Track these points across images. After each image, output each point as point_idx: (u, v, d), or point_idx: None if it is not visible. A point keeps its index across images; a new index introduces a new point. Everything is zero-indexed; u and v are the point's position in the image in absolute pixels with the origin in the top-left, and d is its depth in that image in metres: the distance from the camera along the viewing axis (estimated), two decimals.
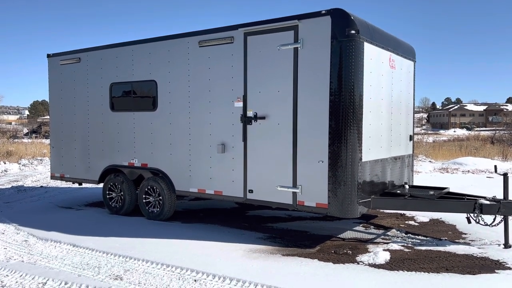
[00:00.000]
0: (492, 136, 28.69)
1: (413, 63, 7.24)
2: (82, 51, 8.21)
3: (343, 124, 5.35)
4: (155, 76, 7.14)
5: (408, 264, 4.95)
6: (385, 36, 6.20)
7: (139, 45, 7.35)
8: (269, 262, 5.02)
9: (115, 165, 7.74)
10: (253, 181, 6.09)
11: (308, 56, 5.57)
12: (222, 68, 6.35)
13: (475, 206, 5.55)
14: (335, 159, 5.39)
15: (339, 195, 5.38)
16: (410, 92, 7.17)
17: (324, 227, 6.74)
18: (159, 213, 7.16)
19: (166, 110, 7.04)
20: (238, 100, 6.18)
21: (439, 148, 21.54)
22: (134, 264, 5.08)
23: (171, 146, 7.00)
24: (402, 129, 6.88)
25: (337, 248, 5.60)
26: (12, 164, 16.20)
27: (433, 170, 14.26)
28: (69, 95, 8.45)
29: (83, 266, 5.02)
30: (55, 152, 8.80)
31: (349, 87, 5.34)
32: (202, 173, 6.63)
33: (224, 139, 6.37)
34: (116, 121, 7.72)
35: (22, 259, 5.33)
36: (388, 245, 5.68)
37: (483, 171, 13.81)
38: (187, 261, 5.07)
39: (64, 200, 9.41)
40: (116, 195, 7.82)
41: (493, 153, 19.29)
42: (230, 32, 6.25)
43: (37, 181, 12.62)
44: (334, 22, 5.36)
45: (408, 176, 7.17)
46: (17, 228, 6.81)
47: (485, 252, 5.33)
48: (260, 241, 5.94)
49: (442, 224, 6.93)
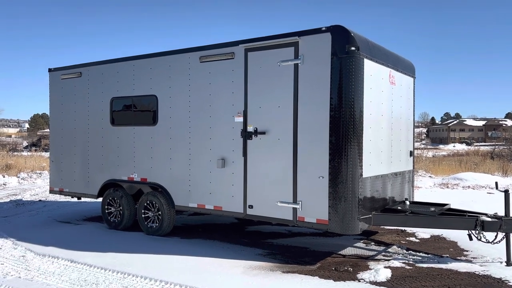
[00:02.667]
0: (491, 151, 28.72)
1: (413, 79, 7.27)
2: (83, 66, 8.26)
3: (343, 139, 5.34)
4: (155, 91, 7.16)
5: (410, 282, 4.89)
6: (385, 53, 6.24)
7: (140, 60, 7.40)
8: (269, 279, 4.97)
9: (115, 179, 7.71)
10: (253, 196, 6.06)
11: (308, 72, 5.59)
12: (222, 83, 6.38)
13: (477, 223, 5.50)
14: (335, 175, 5.37)
15: (340, 211, 5.35)
16: (410, 108, 7.19)
17: (324, 243, 6.69)
18: (158, 228, 7.11)
19: (166, 125, 7.04)
20: (239, 115, 6.19)
21: (439, 163, 21.52)
22: (132, 280, 5.01)
23: (171, 160, 6.98)
24: (402, 145, 6.88)
25: (337, 265, 5.54)
26: (11, 178, 16.13)
27: (433, 186, 14.23)
28: (69, 109, 8.46)
29: (80, 283, 4.96)
30: (54, 166, 8.78)
31: (349, 103, 5.35)
32: (201, 188, 6.60)
33: (224, 154, 6.36)
34: (116, 136, 7.72)
35: (19, 275, 5.27)
36: (389, 262, 5.62)
37: (484, 186, 13.77)
38: (186, 277, 5.01)
39: (62, 214, 9.35)
40: (115, 210, 7.78)
41: (493, 168, 19.26)
42: (231, 48, 6.29)
43: (36, 195, 12.56)
44: (334, 38, 5.40)
45: (409, 192, 7.15)
46: (15, 243, 6.74)
47: (487, 270, 5.28)
48: (260, 258, 5.88)
49: (443, 240, 6.88)
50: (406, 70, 6.96)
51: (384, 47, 6.30)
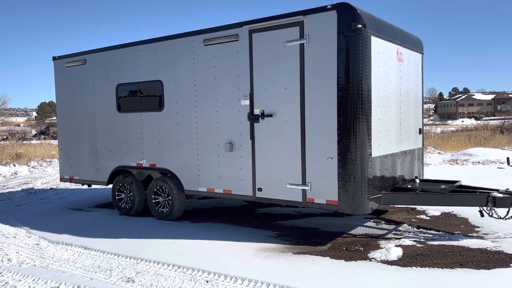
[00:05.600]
0: (501, 126, 28.39)
1: (421, 55, 7.14)
2: (87, 53, 8.21)
3: (351, 119, 5.29)
4: (160, 76, 7.11)
5: (421, 260, 4.89)
6: (392, 29, 6.11)
7: (144, 45, 7.33)
8: (280, 261, 5.00)
9: (124, 166, 7.75)
10: (261, 179, 6.05)
11: (314, 52, 5.50)
12: (227, 66, 6.31)
13: (488, 199, 5.47)
14: (344, 155, 5.34)
15: (349, 192, 5.33)
16: (418, 85, 7.08)
17: (334, 224, 6.70)
18: (169, 213, 7.16)
19: (172, 110, 7.02)
20: (245, 98, 6.14)
21: (447, 139, 21.35)
22: (145, 266, 5.07)
23: (178, 146, 6.98)
24: (411, 123, 6.80)
25: (348, 245, 5.56)
26: (22, 167, 16.31)
27: (443, 162, 14.14)
28: (75, 97, 8.46)
29: (94, 269, 5.03)
30: (63, 154, 8.83)
31: (357, 82, 5.27)
32: (210, 172, 6.61)
33: (231, 137, 6.33)
34: (123, 122, 7.72)
35: (34, 263, 5.35)
36: (400, 240, 5.62)
37: (494, 161, 13.66)
38: (198, 261, 5.06)
39: (74, 202, 9.46)
40: (125, 196, 7.84)
41: (503, 142, 19.08)
42: (235, 30, 6.19)
43: (47, 183, 12.70)
44: (340, 16, 5.28)
45: (419, 169, 7.10)
46: (29, 232, 6.85)
47: (499, 246, 5.26)
48: (270, 240, 5.92)
49: (454, 217, 6.86)
50: (414, 46, 6.83)
51: (391, 24, 6.16)
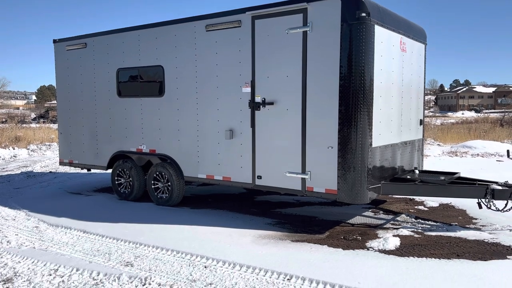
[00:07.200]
0: (501, 119, 28.38)
1: (424, 45, 7.09)
2: (88, 36, 8.14)
3: (353, 109, 5.27)
4: (162, 61, 7.07)
5: (419, 250, 4.92)
6: (396, 19, 6.06)
7: (146, 30, 7.27)
8: (278, 248, 5.03)
9: (123, 151, 7.74)
10: (261, 167, 6.06)
11: (317, 39, 5.46)
12: (229, 52, 6.26)
13: (487, 191, 5.48)
14: (344, 145, 5.33)
15: (349, 181, 5.34)
16: (420, 75, 7.05)
17: (333, 212, 6.73)
18: (168, 199, 7.18)
19: (173, 96, 6.99)
20: (246, 85, 6.11)
21: (447, 131, 21.37)
22: (144, 250, 5.10)
23: (179, 132, 6.97)
24: (412, 114, 6.78)
25: (346, 233, 5.59)
26: (21, 150, 16.32)
27: (442, 154, 14.16)
28: (76, 81, 8.41)
29: (93, 253, 5.06)
30: (63, 138, 8.82)
31: (359, 71, 5.24)
32: (210, 159, 6.61)
33: (232, 125, 6.32)
34: (123, 107, 7.69)
35: (34, 246, 5.38)
36: (398, 230, 5.65)
37: (493, 154, 13.68)
38: (197, 247, 5.09)
39: (73, 185, 9.48)
40: (124, 181, 7.85)
41: (503, 135, 19.09)
42: (238, 15, 6.14)
43: (46, 166, 12.71)
44: (344, 4, 5.23)
45: (418, 160, 7.11)
46: (28, 214, 6.87)
47: (496, 238, 5.29)
48: (269, 227, 5.95)
49: (452, 209, 6.89)
50: (417, 37, 6.78)
51: (395, 13, 6.11)
